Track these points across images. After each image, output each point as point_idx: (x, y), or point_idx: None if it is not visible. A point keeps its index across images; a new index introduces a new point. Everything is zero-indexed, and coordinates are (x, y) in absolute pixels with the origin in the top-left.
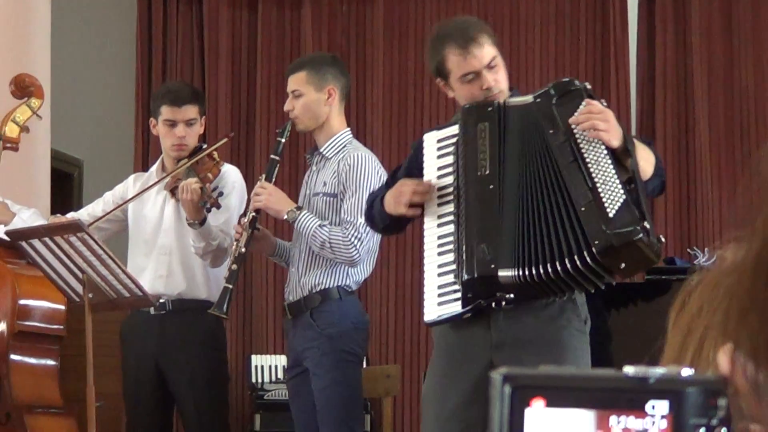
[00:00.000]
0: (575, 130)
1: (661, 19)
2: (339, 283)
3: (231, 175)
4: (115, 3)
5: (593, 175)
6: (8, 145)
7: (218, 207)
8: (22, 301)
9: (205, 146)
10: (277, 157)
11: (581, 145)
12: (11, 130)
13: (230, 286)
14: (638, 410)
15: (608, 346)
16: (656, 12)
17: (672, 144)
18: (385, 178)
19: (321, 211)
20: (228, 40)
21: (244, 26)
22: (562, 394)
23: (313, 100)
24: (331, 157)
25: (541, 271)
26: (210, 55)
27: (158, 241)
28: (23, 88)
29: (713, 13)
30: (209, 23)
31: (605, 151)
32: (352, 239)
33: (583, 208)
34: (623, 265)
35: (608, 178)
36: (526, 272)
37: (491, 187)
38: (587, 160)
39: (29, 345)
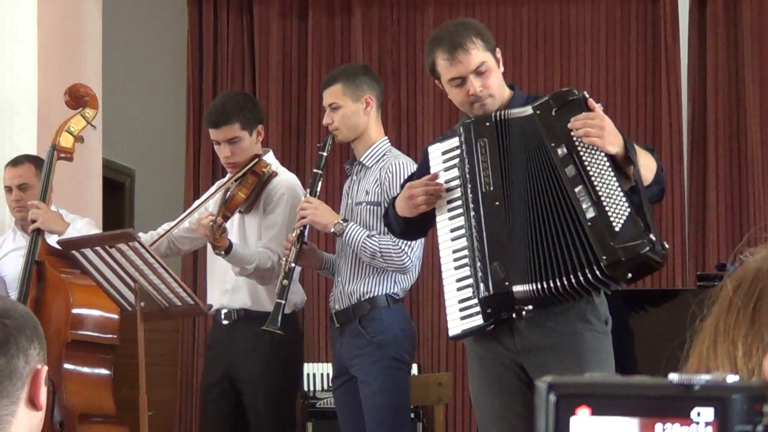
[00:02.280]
0: (576, 142)
1: (712, 24)
2: (387, 291)
3: (280, 187)
4: (166, 13)
5: (597, 188)
6: (63, 155)
7: (222, 250)
8: (75, 311)
9: (261, 156)
10: (319, 171)
11: (584, 158)
12: (66, 140)
13: (282, 302)
14: (683, 417)
15: (632, 345)
16: (707, 17)
17: (723, 149)
18: None
19: (365, 220)
20: (278, 47)
21: (295, 34)
22: (607, 403)
23: (352, 110)
24: (372, 166)
25: (557, 284)
26: (260, 63)
27: None
28: (78, 98)
29: (764, 17)
30: (260, 31)
31: (608, 163)
32: (403, 246)
33: (589, 224)
34: (630, 275)
35: (612, 191)
36: (539, 286)
37: (497, 203)
38: (591, 173)
39: (82, 354)
